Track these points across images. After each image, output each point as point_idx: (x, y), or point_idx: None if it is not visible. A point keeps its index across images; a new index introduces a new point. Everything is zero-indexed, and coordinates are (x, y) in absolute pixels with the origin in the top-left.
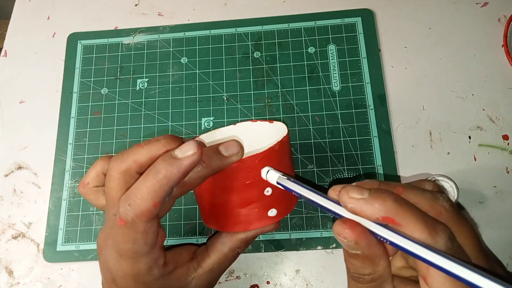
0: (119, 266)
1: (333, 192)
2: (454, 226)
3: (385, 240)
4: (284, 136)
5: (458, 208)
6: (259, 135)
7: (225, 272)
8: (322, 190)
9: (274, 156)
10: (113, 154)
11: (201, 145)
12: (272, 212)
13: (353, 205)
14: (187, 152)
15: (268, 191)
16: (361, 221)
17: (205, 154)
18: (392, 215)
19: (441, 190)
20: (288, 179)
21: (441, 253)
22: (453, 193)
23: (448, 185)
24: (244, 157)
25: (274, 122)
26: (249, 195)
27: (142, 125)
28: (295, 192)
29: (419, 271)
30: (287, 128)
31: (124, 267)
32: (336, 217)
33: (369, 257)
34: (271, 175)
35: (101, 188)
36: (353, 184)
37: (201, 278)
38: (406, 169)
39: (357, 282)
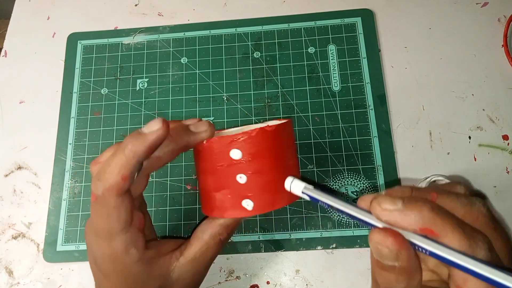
0: (97, 246)
1: (362, 202)
2: (490, 232)
3: (424, 251)
4: (270, 125)
5: (492, 212)
6: None
7: (225, 272)
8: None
9: (252, 143)
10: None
11: (166, 121)
12: (248, 205)
13: (387, 217)
14: (152, 127)
15: (241, 178)
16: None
17: (174, 130)
18: (429, 225)
19: (473, 193)
20: (315, 189)
21: (485, 263)
22: None
23: None
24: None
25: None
26: (221, 179)
27: (142, 125)
28: (323, 203)
29: (454, 281)
30: (291, 123)
31: (102, 246)
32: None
33: (406, 270)
34: (295, 186)
35: None
36: (383, 192)
37: (184, 268)
38: (406, 169)
39: None
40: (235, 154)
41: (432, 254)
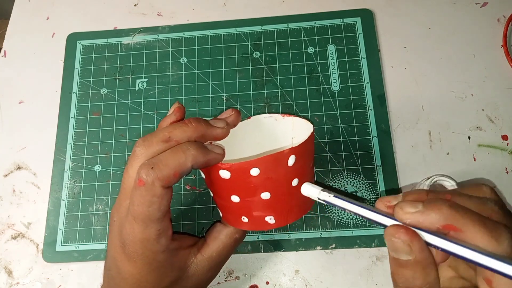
0: (131, 229)
1: (381, 203)
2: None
3: (446, 251)
4: (249, 162)
5: (507, 209)
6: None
7: (224, 272)
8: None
9: (236, 171)
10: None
11: (224, 150)
12: (245, 220)
13: (410, 220)
14: (216, 149)
15: (234, 198)
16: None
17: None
18: (451, 222)
19: (497, 197)
20: (332, 194)
21: (505, 260)
22: None
23: (449, 185)
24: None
25: (294, 118)
26: (220, 195)
27: (142, 125)
28: (339, 207)
29: (481, 273)
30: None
31: (136, 230)
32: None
33: (421, 263)
34: (310, 190)
35: None
36: (400, 195)
37: (200, 264)
38: (406, 170)
39: None
40: (224, 174)
41: (454, 254)
